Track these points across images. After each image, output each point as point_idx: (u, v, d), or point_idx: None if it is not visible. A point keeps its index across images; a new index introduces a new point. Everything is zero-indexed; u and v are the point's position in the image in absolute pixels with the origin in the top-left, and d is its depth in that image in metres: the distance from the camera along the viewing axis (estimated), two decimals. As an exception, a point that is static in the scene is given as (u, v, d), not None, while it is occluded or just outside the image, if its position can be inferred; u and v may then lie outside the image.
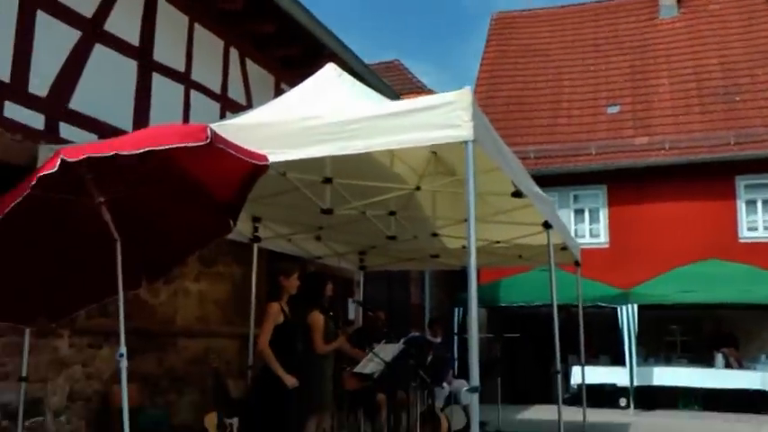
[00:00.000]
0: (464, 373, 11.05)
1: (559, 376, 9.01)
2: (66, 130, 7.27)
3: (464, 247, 11.01)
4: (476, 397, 5.09)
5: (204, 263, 9.26)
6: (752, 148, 17.76)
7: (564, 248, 10.75)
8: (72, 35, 7.54)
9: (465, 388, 10.56)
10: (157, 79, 8.68)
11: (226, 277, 9.70)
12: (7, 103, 6.74)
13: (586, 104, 21.20)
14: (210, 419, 7.80)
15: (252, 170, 5.22)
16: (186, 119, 9.02)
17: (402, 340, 7.71)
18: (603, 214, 18.91)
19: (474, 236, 5.34)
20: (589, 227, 19.09)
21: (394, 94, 12.72)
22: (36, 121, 7.02)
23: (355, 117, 5.49)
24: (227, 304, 9.68)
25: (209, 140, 4.34)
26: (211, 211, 5.53)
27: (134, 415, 5.58)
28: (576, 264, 11.97)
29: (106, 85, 7.95)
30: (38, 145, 6.72)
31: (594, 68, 22.28)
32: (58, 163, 4.11)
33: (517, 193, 7.39)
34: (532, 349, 18.79)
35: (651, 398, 16.50)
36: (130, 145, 4.38)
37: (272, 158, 5.22)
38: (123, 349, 4.97)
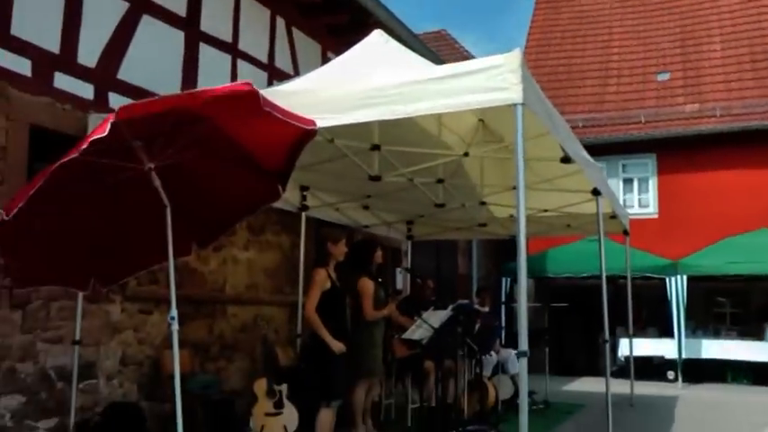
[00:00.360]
0: (511, 343, 11.04)
1: (607, 346, 8.92)
2: (115, 99, 7.31)
3: (512, 216, 11.10)
4: (524, 361, 5.05)
5: (253, 232, 9.30)
6: (807, 115, 17.35)
7: (613, 217, 10.64)
8: (120, 6, 7.57)
9: (513, 353, 10.60)
10: (204, 49, 8.69)
11: (274, 246, 9.75)
12: (57, 74, 6.79)
13: (636, 72, 20.83)
14: (260, 386, 7.85)
15: (300, 135, 5.21)
16: (234, 89, 9.02)
17: (450, 307, 7.67)
18: (653, 183, 18.61)
19: (523, 202, 5.25)
20: (638, 197, 18.80)
21: (441, 63, 12.59)
22: (86, 91, 7.07)
23: (403, 81, 5.44)
24: (275, 273, 9.73)
25: (252, 90, 4.34)
26: (260, 177, 5.53)
27: (184, 380, 5.64)
28: (625, 233, 11.84)
29: (154, 56, 7.98)
30: (88, 114, 6.78)
31: (644, 34, 21.87)
32: (108, 127, 4.13)
33: (566, 159, 7.30)
34: (579, 321, 18.66)
35: (699, 371, 16.25)
36: (178, 100, 4.40)
37: (319, 123, 5.20)
38: (174, 312, 5.01)
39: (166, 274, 6.53)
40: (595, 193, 8.76)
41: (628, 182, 18.98)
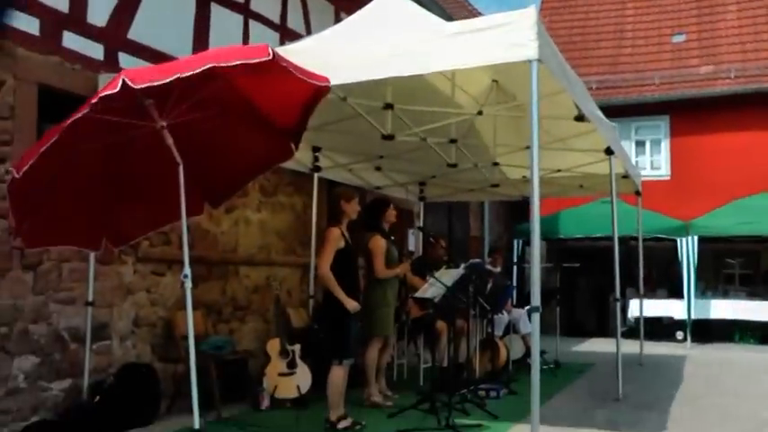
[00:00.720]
0: (523, 303, 11.01)
1: (618, 305, 8.89)
2: (125, 59, 7.20)
3: (524, 177, 11.03)
4: (537, 317, 5.04)
5: (265, 193, 9.22)
6: (822, 76, 17.11)
7: (625, 177, 10.56)
8: (130, -35, 7.44)
9: (524, 313, 10.59)
10: (216, 9, 8.55)
11: (286, 207, 9.67)
12: (66, 33, 6.68)
13: (651, 33, 20.54)
14: (273, 346, 7.86)
15: (313, 92, 5.13)
16: (245, 49, 8.90)
17: (463, 266, 7.61)
18: (665, 145, 18.43)
19: (537, 156, 5.19)
20: (650, 158, 18.63)
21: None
22: (95, 50, 6.95)
23: (417, 38, 5.35)
24: (287, 234, 9.67)
25: (271, 57, 4.25)
26: (273, 135, 5.47)
27: (197, 341, 5.61)
28: (637, 193, 11.76)
29: (165, 16, 7.85)
30: (98, 74, 6.68)
31: (660, -5, 21.57)
32: (120, 83, 4.05)
33: (580, 117, 7.22)
34: (590, 283, 18.64)
35: (708, 331, 16.23)
36: (192, 65, 4.30)
37: (333, 81, 5.11)
38: (188, 270, 4.94)
39: (179, 234, 6.52)
40: (608, 152, 8.69)
41: (640, 144, 18.82)
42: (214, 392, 7.18)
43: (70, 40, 6.69)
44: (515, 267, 15.81)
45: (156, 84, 4.24)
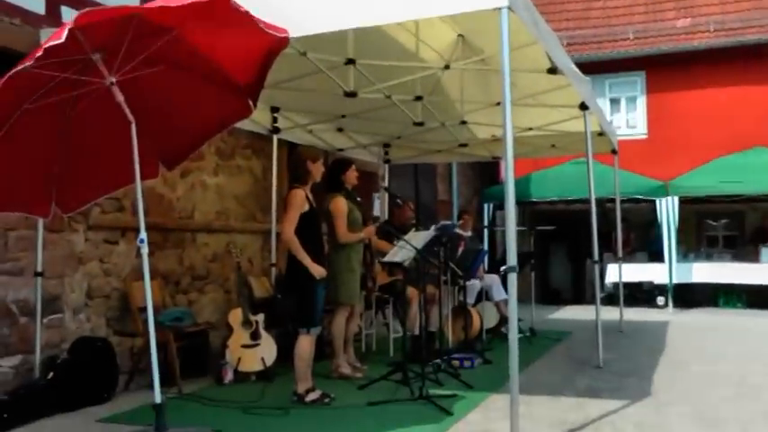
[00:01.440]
0: (495, 269, 11.12)
1: (597, 268, 8.99)
2: (68, 14, 7.11)
3: (494, 136, 11.09)
4: (514, 276, 5.11)
5: (222, 156, 9.22)
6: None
7: (601, 134, 10.63)
8: None
9: (498, 279, 10.70)
10: (165, -40, 8.50)
11: (245, 171, 9.68)
12: (5, -14, 6.62)
13: (623, -15, 20.67)
14: (235, 316, 7.90)
15: (271, 46, 5.14)
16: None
17: (433, 227, 7.67)
18: (641, 103, 18.58)
19: (510, 112, 5.25)
20: (626, 117, 18.80)
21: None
22: (36, 4, 6.87)
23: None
24: (247, 199, 9.69)
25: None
26: (229, 91, 5.48)
27: (156, 313, 5.62)
28: (614, 152, 11.86)
29: (110, -33, 7.79)
30: (39, 30, 6.60)
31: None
32: (65, 33, 4.04)
33: (553, 70, 7.29)
34: (565, 249, 18.87)
35: (690, 296, 16.50)
36: (142, 8, 4.31)
37: (292, 33, 5.12)
38: (144, 234, 4.98)
39: (132, 200, 6.52)
40: (583, 107, 8.76)
41: (615, 102, 18.95)
42: (174, 367, 7.23)
43: (8, -7, 6.62)
44: (486, 232, 15.96)
45: (104, 19, 4.22)
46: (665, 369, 8.59)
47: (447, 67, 7.73)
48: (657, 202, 15.78)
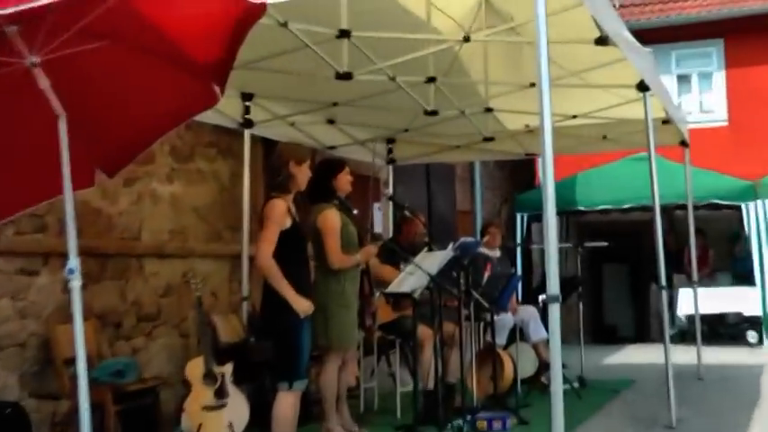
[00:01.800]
0: (532, 300, 11.11)
1: (664, 295, 8.95)
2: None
3: (528, 126, 11.09)
4: (556, 309, 5.08)
5: (178, 157, 9.22)
6: None
7: (666, 122, 10.62)
8: None
9: (536, 312, 10.63)
10: None
11: (208, 177, 9.70)
12: None
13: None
14: (194, 369, 7.86)
15: (243, 14, 5.13)
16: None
17: (451, 246, 7.65)
18: (719, 80, 18.60)
19: (548, 96, 5.25)
20: (699, 99, 18.82)
21: None
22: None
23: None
24: (210, 214, 9.71)
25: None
26: (188, 73, 5.47)
27: (89, 366, 5.56)
28: (684, 144, 11.84)
29: None
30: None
31: None
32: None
33: (603, 40, 7.26)
34: (622, 271, 18.85)
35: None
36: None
37: (269, -2, 5.13)
38: (75, 263, 4.94)
39: (59, 217, 6.48)
40: (642, 88, 8.74)
41: (684, 80, 18.97)
42: (112, 437, 7.22)
43: None
44: (519, 250, 15.91)
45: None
46: (761, 430, 8.53)
47: (467, 39, 7.75)
48: (744, 207, 15.72)
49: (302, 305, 6.54)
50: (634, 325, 18.68)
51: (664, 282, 8.91)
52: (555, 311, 5.16)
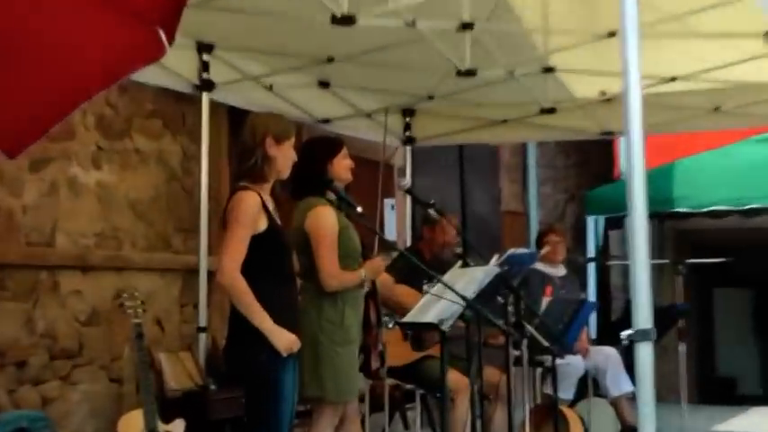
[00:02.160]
0: (612, 337, 11.17)
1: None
2: None
3: (604, 93, 11.10)
4: (648, 352, 5.14)
5: (108, 132, 9.27)
6: None
7: (804, 88, 10.66)
8: None
9: (615, 353, 10.62)
10: None
11: (150, 160, 9.77)
12: None
13: None
14: (130, 427, 7.96)
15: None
16: None
17: (495, 260, 7.70)
18: None
19: (635, 48, 5.36)
20: None
21: None
22: None
23: None
24: (153, 210, 9.78)
25: None
26: (124, 16, 5.59)
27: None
28: (830, 120, 11.88)
29: None
30: None
31: None
32: None
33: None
34: (743, 299, 18.89)
35: None
36: None
37: None
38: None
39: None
40: (773, 36, 8.78)
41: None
42: None
43: None
44: (593, 267, 15.94)
45: None
46: None
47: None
48: None
49: (283, 340, 6.50)
50: (761, 377, 18.70)
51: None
52: (645, 355, 5.02)
